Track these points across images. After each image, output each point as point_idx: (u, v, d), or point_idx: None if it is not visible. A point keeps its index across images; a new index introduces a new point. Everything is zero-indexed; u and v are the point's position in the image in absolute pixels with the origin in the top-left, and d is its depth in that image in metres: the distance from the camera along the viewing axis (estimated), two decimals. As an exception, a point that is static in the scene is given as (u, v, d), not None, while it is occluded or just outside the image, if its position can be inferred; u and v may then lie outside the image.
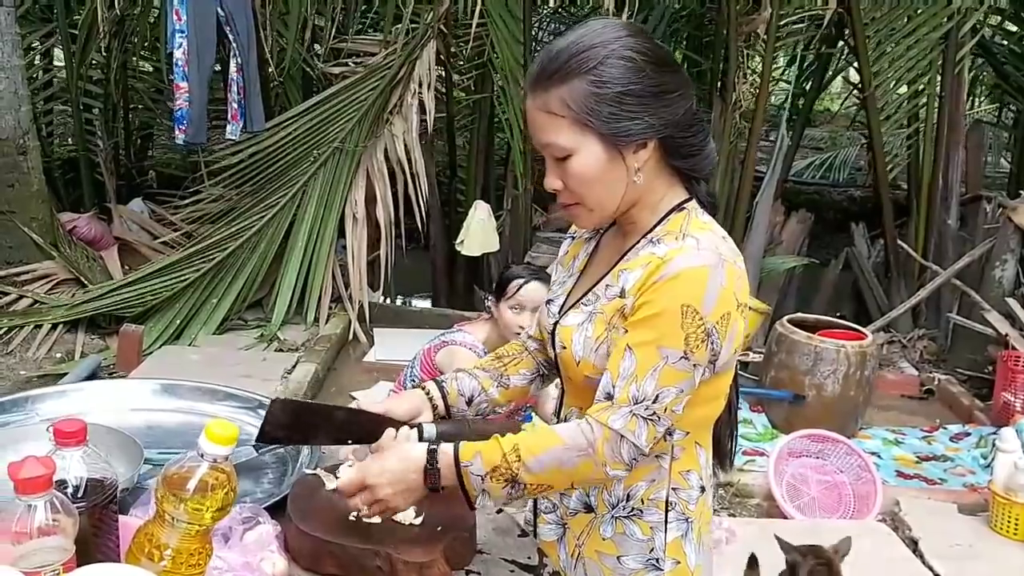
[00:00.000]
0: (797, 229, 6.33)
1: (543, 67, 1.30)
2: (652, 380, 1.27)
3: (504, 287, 3.22)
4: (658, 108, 1.29)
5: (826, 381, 4.14)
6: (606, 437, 1.28)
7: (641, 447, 1.29)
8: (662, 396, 1.28)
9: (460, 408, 1.54)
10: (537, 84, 1.30)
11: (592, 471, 1.30)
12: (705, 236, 1.31)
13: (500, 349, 1.65)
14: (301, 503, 1.44)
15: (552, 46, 1.31)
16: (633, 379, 1.28)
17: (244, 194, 5.50)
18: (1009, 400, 4.23)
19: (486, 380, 1.57)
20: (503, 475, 1.30)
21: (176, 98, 4.63)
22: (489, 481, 1.30)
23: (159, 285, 5.02)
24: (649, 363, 1.27)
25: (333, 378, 4.79)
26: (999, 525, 3.15)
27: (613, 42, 1.27)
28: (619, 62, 1.27)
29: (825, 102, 12.02)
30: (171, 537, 1.08)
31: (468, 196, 6.29)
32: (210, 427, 1.10)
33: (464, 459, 1.31)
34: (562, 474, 1.30)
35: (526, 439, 1.32)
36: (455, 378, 1.56)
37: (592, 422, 1.30)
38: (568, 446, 1.29)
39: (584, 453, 1.29)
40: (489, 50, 5.77)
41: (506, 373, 1.59)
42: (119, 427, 1.57)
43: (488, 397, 1.56)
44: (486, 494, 1.32)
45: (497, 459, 1.30)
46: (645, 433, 1.28)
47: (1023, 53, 7.28)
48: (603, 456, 1.28)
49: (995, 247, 5.35)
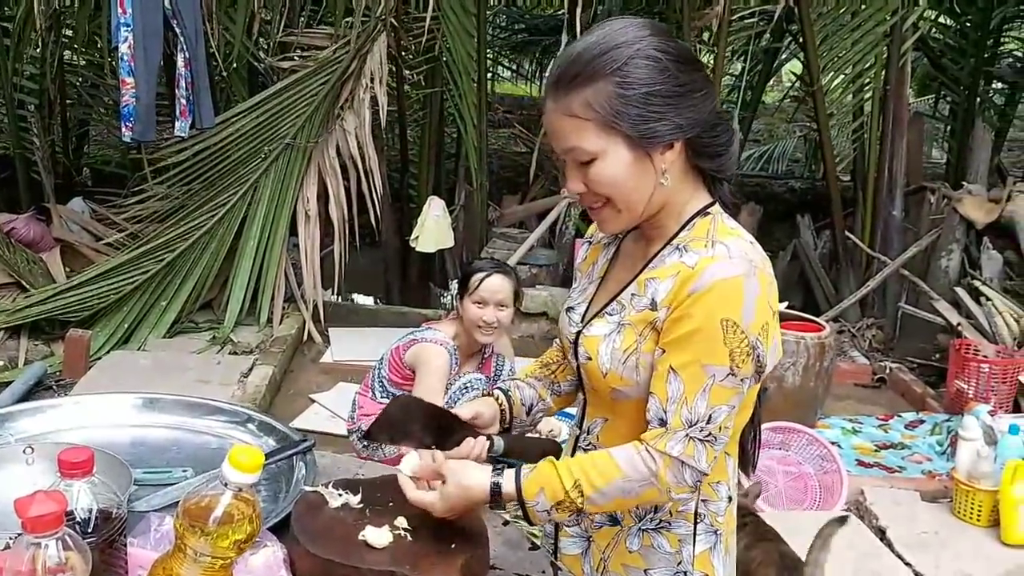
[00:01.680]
0: (748, 221, 6.39)
1: (564, 70, 1.26)
2: (703, 400, 1.25)
3: (467, 282, 3.19)
4: (684, 108, 1.26)
5: (786, 373, 4.19)
6: (667, 464, 1.26)
7: (703, 470, 1.27)
8: (715, 415, 1.26)
9: (521, 418, 1.53)
10: (559, 88, 1.26)
11: (657, 497, 1.28)
12: (734, 242, 1.28)
13: (545, 356, 1.63)
14: (306, 523, 1.38)
15: (572, 48, 1.27)
16: (683, 402, 1.25)
17: (192, 192, 5.35)
18: (963, 388, 4.34)
19: (542, 389, 1.57)
20: (568, 508, 1.28)
21: (122, 94, 4.47)
22: (556, 513, 1.30)
23: (105, 288, 4.86)
24: (697, 384, 1.25)
25: (290, 380, 4.69)
26: (963, 512, 3.22)
27: (637, 42, 1.24)
28: (644, 62, 1.23)
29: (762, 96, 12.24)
30: (192, 572, 1.01)
31: (420, 192, 6.23)
32: (234, 453, 1.04)
33: (528, 497, 1.29)
34: (626, 502, 1.30)
35: (586, 470, 1.29)
36: (517, 387, 1.55)
37: (651, 451, 1.27)
38: (630, 477, 1.27)
39: (647, 483, 1.27)
40: (440, 44, 5.71)
41: (557, 380, 1.58)
42: (101, 446, 1.50)
43: (545, 405, 1.56)
44: (551, 522, 1.33)
45: (560, 495, 1.28)
46: (705, 455, 1.27)
47: (958, 46, 7.48)
48: (666, 484, 1.27)
49: (941, 237, 5.49)
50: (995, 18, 7.36)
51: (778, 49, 7.51)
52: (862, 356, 5.41)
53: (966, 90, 7.30)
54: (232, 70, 5.77)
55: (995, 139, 6.84)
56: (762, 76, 7.79)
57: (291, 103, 5.35)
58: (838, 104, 6.24)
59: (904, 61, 5.86)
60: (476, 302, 3.16)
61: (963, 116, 7.21)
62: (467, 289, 3.18)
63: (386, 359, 3.33)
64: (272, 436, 1.67)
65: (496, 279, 3.18)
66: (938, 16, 7.76)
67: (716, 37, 5.78)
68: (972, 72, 7.23)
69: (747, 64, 7.95)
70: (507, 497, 1.31)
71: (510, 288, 3.21)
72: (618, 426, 1.38)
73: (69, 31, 6.44)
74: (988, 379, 4.29)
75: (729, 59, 6.90)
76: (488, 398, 1.52)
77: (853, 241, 5.94)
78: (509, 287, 3.21)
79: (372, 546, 1.33)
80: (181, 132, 4.81)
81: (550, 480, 1.29)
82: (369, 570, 1.28)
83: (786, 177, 10.60)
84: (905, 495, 3.44)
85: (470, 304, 3.17)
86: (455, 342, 3.21)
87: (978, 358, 4.37)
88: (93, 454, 1.07)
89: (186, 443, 1.67)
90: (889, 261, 5.61)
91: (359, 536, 1.35)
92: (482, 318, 3.16)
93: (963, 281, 5.20)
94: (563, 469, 1.30)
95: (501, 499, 1.31)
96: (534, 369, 1.60)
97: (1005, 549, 3.05)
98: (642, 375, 1.31)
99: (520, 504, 1.30)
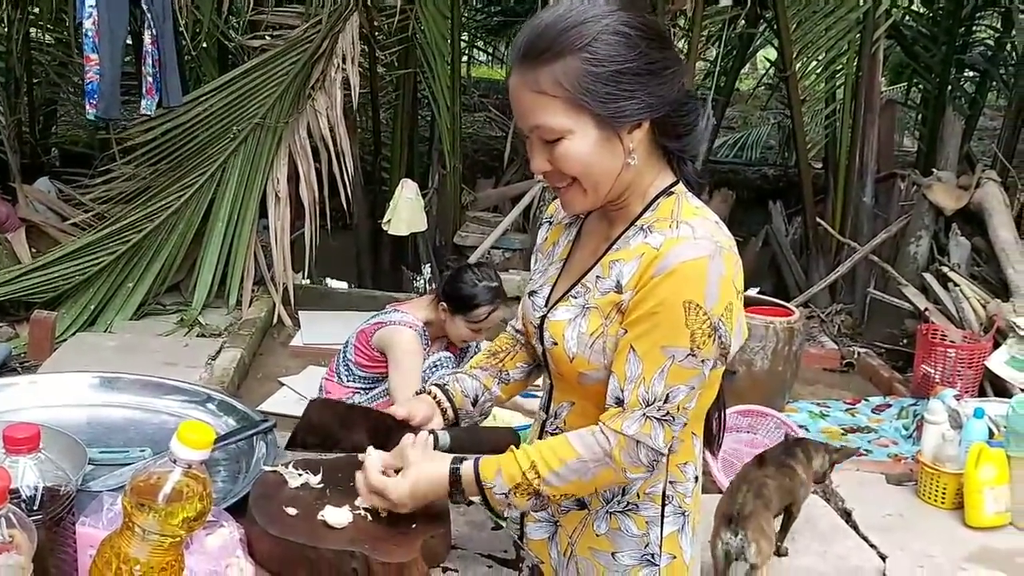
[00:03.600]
0: (720, 208, 6.42)
1: (531, 43, 1.22)
2: (660, 380, 1.24)
3: (466, 305, 3.14)
4: (655, 87, 1.23)
5: (755, 357, 4.21)
6: (621, 444, 1.25)
7: (659, 449, 1.26)
8: (673, 395, 1.24)
9: (467, 410, 1.49)
10: (524, 61, 1.22)
11: (613, 477, 1.27)
12: (699, 223, 1.27)
13: (493, 345, 1.59)
14: (265, 504, 1.35)
15: (539, 20, 1.23)
16: (641, 381, 1.24)
17: (160, 173, 5.28)
18: (929, 372, 4.37)
19: (487, 379, 1.53)
20: (526, 491, 1.27)
21: (86, 71, 4.38)
22: (513, 497, 1.28)
23: (71, 269, 4.79)
24: (655, 364, 1.24)
25: (259, 363, 4.65)
26: (927, 495, 3.25)
27: (605, 16, 1.21)
28: (613, 38, 1.20)
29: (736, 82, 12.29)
30: (141, 551, 0.99)
31: (393, 174, 6.18)
32: (183, 429, 1.01)
33: (486, 480, 1.28)
34: (584, 483, 1.28)
35: (543, 453, 1.28)
36: (456, 380, 1.52)
37: (606, 431, 1.26)
38: (584, 458, 1.26)
39: (602, 462, 1.26)
40: (413, 24, 5.65)
41: (505, 368, 1.54)
42: (57, 425, 1.47)
43: (492, 395, 1.52)
44: (511, 507, 1.30)
45: (518, 476, 1.27)
46: (662, 435, 1.26)
47: (930, 34, 7.52)
48: (621, 463, 1.26)
49: (910, 224, 5.53)
50: (967, 6, 7.41)
51: (752, 35, 7.50)
52: (831, 341, 5.45)
53: (937, 78, 7.34)
54: (201, 49, 5.68)
55: (965, 127, 6.90)
56: (737, 62, 7.78)
57: (261, 83, 5.29)
58: (811, 91, 6.26)
59: (877, 48, 5.89)
60: (471, 324, 3.16)
61: (934, 104, 7.26)
62: (465, 311, 3.15)
63: (352, 342, 3.30)
64: (232, 416, 1.64)
65: (498, 313, 3.19)
66: (911, 3, 7.80)
67: (691, 22, 5.77)
68: (943, 60, 7.28)
69: (721, 50, 7.95)
70: (467, 481, 1.29)
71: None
72: (585, 409, 1.37)
73: (35, 8, 6.31)
74: (954, 364, 4.33)
75: (704, 44, 6.89)
76: (423, 395, 1.50)
77: (824, 227, 5.97)
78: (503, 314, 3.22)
79: (332, 526, 1.32)
80: (147, 110, 4.73)
81: (507, 463, 1.29)
82: (328, 550, 1.26)
83: (759, 164, 10.64)
84: (871, 478, 3.47)
85: (463, 324, 3.16)
86: (426, 326, 3.19)
87: (945, 343, 4.40)
88: (39, 430, 1.05)
89: (144, 423, 1.64)
90: (859, 247, 5.65)
91: (318, 516, 1.33)
92: (472, 339, 3.20)
93: (931, 267, 5.25)
94: (520, 453, 1.29)
95: (461, 484, 1.30)
96: (480, 359, 1.57)
97: (969, 531, 3.08)
98: (609, 358, 1.30)
99: (479, 488, 1.29)
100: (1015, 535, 3.08)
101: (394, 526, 1.33)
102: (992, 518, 3.09)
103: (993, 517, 3.09)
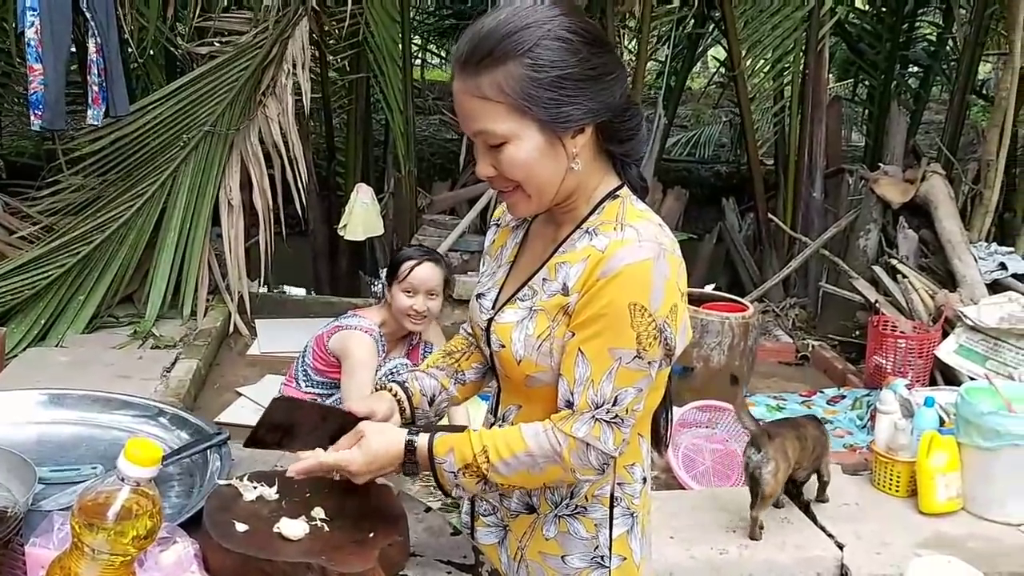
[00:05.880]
0: (675, 206, 6.49)
1: (472, 48, 1.22)
2: (609, 383, 1.25)
3: (396, 269, 3.15)
4: (597, 92, 1.24)
5: (712, 352, 4.26)
6: (571, 447, 1.26)
7: (610, 452, 1.27)
8: (621, 398, 1.26)
9: (423, 408, 1.50)
10: (466, 67, 1.23)
11: (562, 475, 1.28)
12: (644, 225, 1.28)
13: (448, 345, 1.60)
14: (219, 517, 1.34)
15: (480, 25, 1.24)
16: (590, 384, 1.25)
17: (109, 183, 5.18)
18: (881, 363, 4.46)
19: (444, 378, 1.53)
20: (475, 473, 1.28)
21: (30, 81, 4.29)
22: (462, 477, 1.29)
23: (20, 283, 4.69)
24: (603, 366, 1.25)
25: (216, 374, 4.60)
26: (882, 483, 3.31)
27: (547, 21, 1.21)
28: (555, 43, 1.21)
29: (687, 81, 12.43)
30: (91, 571, 0.98)
31: (348, 179, 6.15)
32: (129, 447, 1.00)
33: (438, 455, 1.30)
34: (531, 477, 1.29)
35: (496, 440, 1.29)
36: (415, 378, 1.51)
37: (557, 432, 1.27)
38: (533, 452, 1.27)
39: (551, 460, 1.27)
40: (364, 29, 5.63)
41: (460, 369, 1.55)
42: (6, 444, 1.44)
43: (449, 395, 1.53)
44: (460, 487, 1.31)
45: (469, 458, 1.28)
46: (611, 437, 1.27)
47: (875, 31, 7.66)
48: (571, 464, 1.27)
49: (859, 218, 5.62)
50: (909, 3, 7.56)
51: (701, 35, 7.59)
52: (786, 335, 5.52)
53: (883, 74, 7.48)
54: (148, 56, 5.60)
55: (910, 121, 7.04)
56: (687, 62, 7.87)
57: (210, 90, 5.23)
58: (759, 88, 6.35)
59: (822, 46, 5.99)
60: (405, 290, 3.12)
61: (880, 99, 7.40)
62: (396, 277, 3.15)
63: (310, 347, 3.28)
64: (185, 430, 1.62)
65: (426, 268, 3.15)
66: (854, 2, 7.94)
67: (640, 22, 5.81)
68: (888, 56, 7.42)
69: (671, 50, 8.04)
70: (420, 454, 1.31)
71: (440, 276, 3.19)
72: (534, 412, 1.37)
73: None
74: (905, 354, 4.42)
75: (654, 45, 6.95)
76: (382, 391, 1.49)
77: (775, 223, 6.05)
78: (439, 275, 3.18)
79: (288, 538, 1.31)
80: (94, 120, 4.66)
81: (461, 443, 1.31)
82: (284, 562, 1.25)
83: (712, 162, 10.77)
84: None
85: (399, 292, 3.13)
86: (382, 329, 3.18)
87: (895, 334, 4.49)
88: (-16, 453, 1.03)
89: (95, 439, 1.61)
90: (810, 242, 5.73)
91: (274, 528, 1.32)
92: (412, 307, 3.13)
93: (881, 260, 5.35)
94: (475, 435, 1.31)
95: (415, 457, 1.32)
96: (437, 358, 1.58)
97: (922, 518, 3.14)
98: (556, 360, 1.31)
99: (431, 463, 1.31)
100: (967, 520, 3.14)
101: (351, 535, 1.33)
102: (944, 504, 3.15)
103: (945, 503, 3.15)
